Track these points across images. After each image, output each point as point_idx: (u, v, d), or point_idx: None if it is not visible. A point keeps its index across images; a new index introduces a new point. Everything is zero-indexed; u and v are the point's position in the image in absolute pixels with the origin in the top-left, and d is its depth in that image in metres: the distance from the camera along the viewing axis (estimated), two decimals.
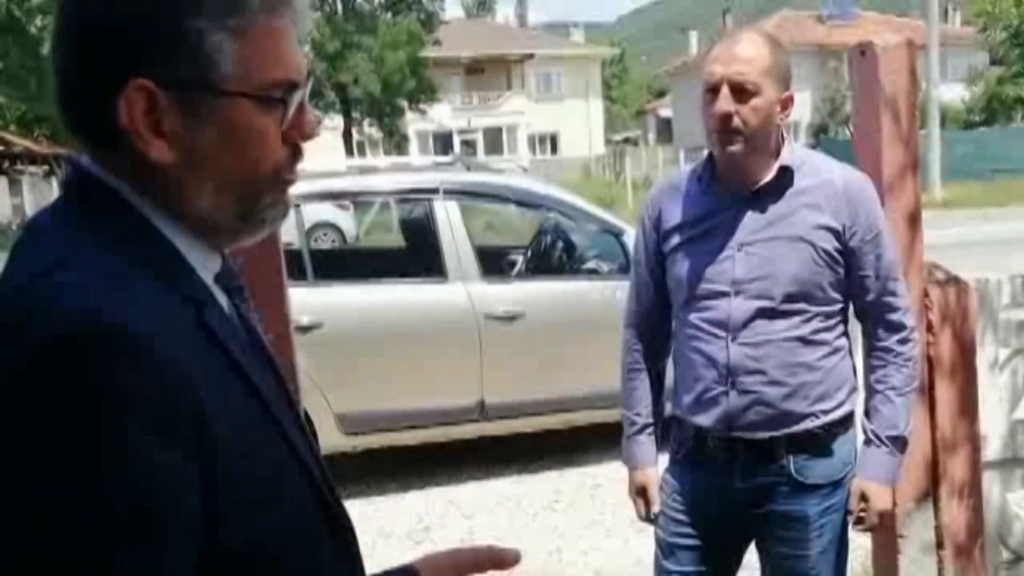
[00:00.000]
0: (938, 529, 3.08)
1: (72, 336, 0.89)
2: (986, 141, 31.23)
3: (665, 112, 66.78)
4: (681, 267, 2.45)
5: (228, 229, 1.11)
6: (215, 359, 1.01)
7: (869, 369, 2.47)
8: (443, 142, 51.67)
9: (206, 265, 1.11)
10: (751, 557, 2.63)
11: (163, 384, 0.92)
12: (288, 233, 5.99)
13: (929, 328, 2.97)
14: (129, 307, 0.93)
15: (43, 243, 1.02)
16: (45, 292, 0.94)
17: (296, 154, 1.12)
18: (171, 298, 1.00)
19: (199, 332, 1.01)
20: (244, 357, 1.07)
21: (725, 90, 2.26)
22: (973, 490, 3.07)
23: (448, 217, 5.83)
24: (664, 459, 2.66)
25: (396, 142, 43.81)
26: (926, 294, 2.96)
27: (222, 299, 1.13)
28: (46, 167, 36.91)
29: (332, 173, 6.56)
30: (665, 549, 2.59)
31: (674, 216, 2.48)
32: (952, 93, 39.25)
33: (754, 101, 2.26)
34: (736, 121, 2.26)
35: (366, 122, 41.92)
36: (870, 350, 2.48)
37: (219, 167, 1.06)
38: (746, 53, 2.27)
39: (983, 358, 3.13)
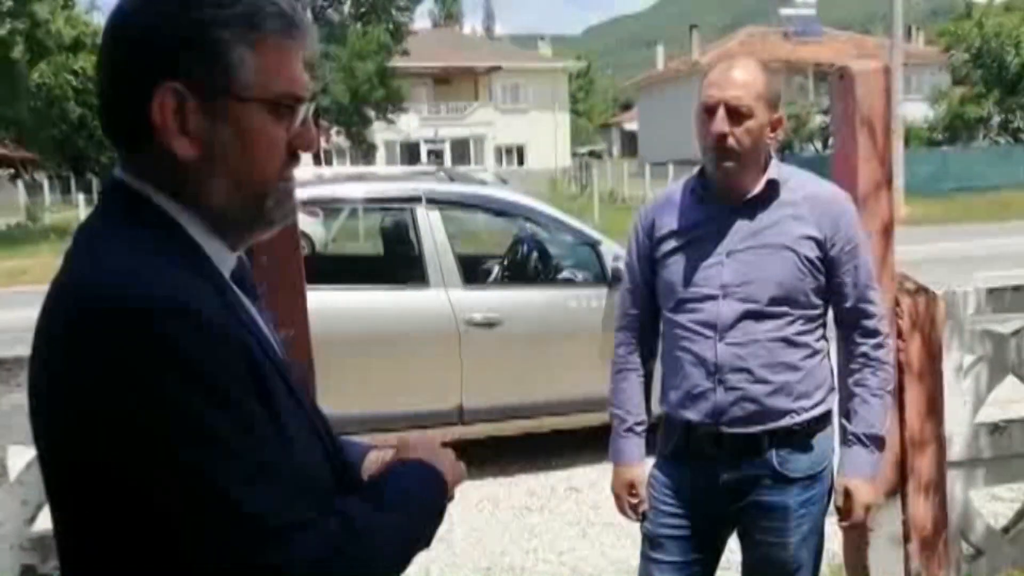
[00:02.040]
0: (905, 523, 3.23)
1: (163, 310, 1.06)
2: (949, 160, 31.68)
3: (630, 126, 67.15)
4: (672, 272, 2.60)
5: (239, 224, 1.26)
6: (245, 336, 1.17)
7: (846, 373, 2.63)
8: (410, 152, 51.67)
9: (223, 262, 1.26)
10: (729, 557, 2.78)
11: (230, 347, 1.10)
12: None
13: (899, 335, 3.14)
14: (181, 286, 1.10)
15: (99, 242, 1.17)
16: (101, 280, 1.10)
17: (295, 160, 1.27)
18: (200, 282, 1.15)
19: (225, 311, 1.16)
20: (263, 339, 1.23)
21: (721, 112, 2.43)
22: (938, 487, 3.23)
23: (430, 225, 5.96)
24: (649, 461, 2.78)
25: (364, 151, 43.81)
26: (897, 303, 3.13)
27: (239, 293, 1.27)
28: (12, 170, 36.55)
29: (313, 181, 6.66)
30: (653, 541, 2.71)
31: (667, 225, 2.64)
32: (915, 111, 39.81)
33: (747, 123, 2.44)
34: (731, 141, 2.44)
35: (334, 130, 41.87)
36: (847, 355, 2.64)
37: (234, 165, 1.20)
38: (742, 78, 2.45)
39: (949, 364, 3.29)
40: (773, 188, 2.52)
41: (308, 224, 17.23)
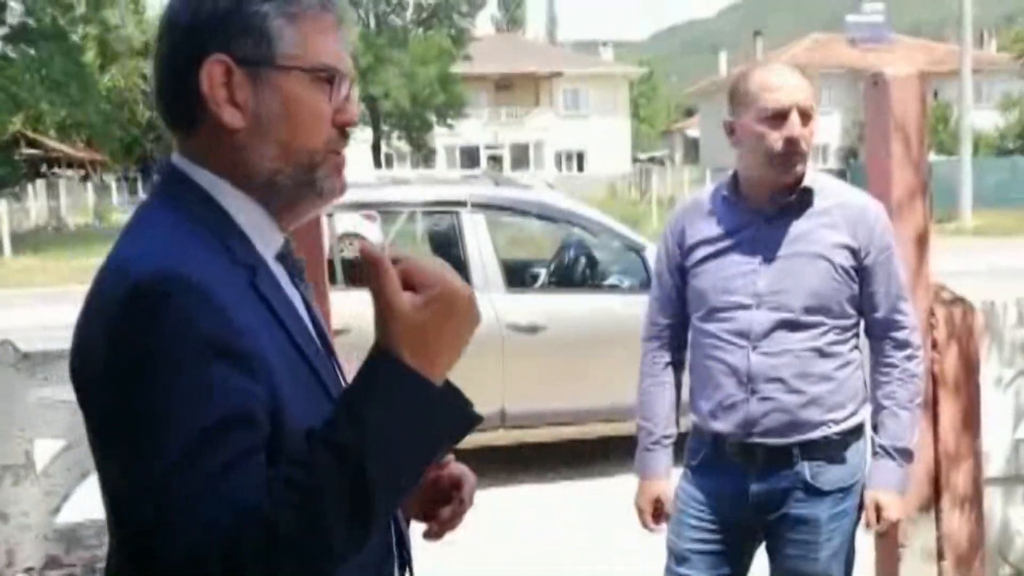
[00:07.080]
0: (939, 539, 3.16)
1: (149, 282, 1.11)
2: (1019, 169, 30.92)
3: (692, 132, 66.68)
4: (704, 280, 2.58)
5: (289, 193, 1.30)
6: (263, 314, 1.21)
7: (876, 384, 2.59)
8: (470, 157, 51.84)
9: (267, 242, 1.31)
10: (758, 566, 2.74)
11: (220, 319, 1.12)
12: None
13: (934, 346, 3.07)
14: (189, 263, 1.14)
15: (133, 219, 1.27)
16: (128, 254, 1.18)
17: (344, 136, 1.33)
18: (226, 260, 1.21)
19: (249, 290, 1.21)
20: (291, 320, 1.27)
21: (795, 115, 2.42)
22: (974, 503, 3.15)
23: (475, 229, 5.97)
24: (676, 473, 2.75)
25: (424, 155, 44.13)
26: (932, 313, 3.06)
27: (279, 273, 1.33)
28: (82, 171, 37.43)
29: (362, 184, 6.71)
30: (679, 556, 2.67)
31: (698, 232, 2.61)
32: (986, 120, 38.99)
33: (811, 125, 2.45)
34: (803, 144, 2.44)
35: (395, 135, 42.24)
36: (877, 366, 2.59)
37: (280, 132, 1.27)
38: (802, 82, 2.46)
39: (988, 377, 3.22)
40: (807, 196, 2.49)
41: (365, 228, 17.42)
